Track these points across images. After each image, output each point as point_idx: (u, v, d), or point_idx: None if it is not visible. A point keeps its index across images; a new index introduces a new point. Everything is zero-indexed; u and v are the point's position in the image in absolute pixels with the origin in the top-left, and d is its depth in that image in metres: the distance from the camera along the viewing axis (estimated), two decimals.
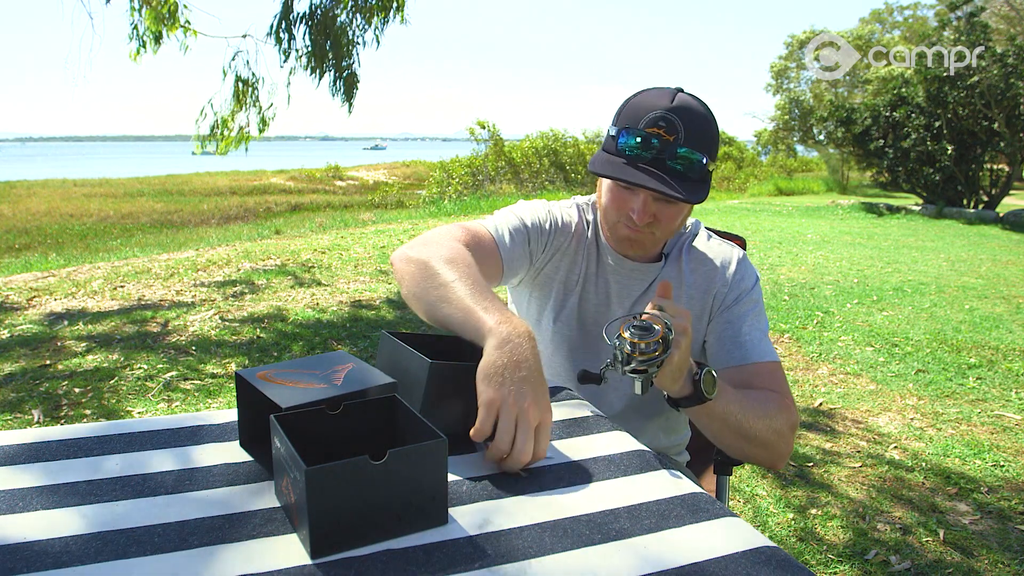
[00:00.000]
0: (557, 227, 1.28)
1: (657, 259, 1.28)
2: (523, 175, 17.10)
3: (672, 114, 1.08)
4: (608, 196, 1.19)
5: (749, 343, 1.19)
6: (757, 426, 1.08)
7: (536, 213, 1.28)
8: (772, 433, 1.09)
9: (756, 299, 1.25)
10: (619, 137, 1.12)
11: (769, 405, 1.11)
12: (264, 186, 21.86)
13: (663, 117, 1.08)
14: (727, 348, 1.20)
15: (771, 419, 1.09)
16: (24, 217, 14.77)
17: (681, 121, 1.08)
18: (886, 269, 6.46)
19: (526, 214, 1.27)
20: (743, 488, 2.45)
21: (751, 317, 1.22)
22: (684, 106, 1.10)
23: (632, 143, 1.10)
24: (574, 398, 1.13)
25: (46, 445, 0.89)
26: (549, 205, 1.32)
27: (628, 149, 1.10)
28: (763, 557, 0.70)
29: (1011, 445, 2.81)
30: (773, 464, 1.16)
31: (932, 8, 23.81)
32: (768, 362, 1.18)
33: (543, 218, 1.28)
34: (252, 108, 6.14)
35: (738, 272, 1.26)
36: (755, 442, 1.09)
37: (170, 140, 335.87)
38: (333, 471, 0.67)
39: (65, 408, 2.94)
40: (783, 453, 1.13)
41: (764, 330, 1.23)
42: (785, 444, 1.12)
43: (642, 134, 1.09)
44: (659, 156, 1.08)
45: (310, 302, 4.75)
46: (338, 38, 5.88)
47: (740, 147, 24.29)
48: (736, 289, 1.24)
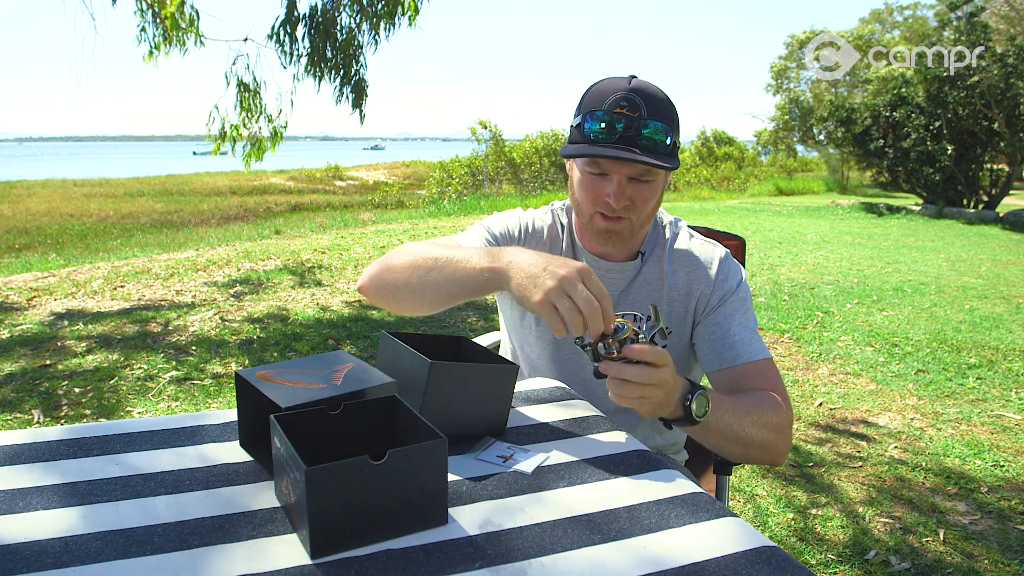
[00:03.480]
0: (528, 232, 1.30)
1: (633, 257, 1.28)
2: (523, 175, 17.10)
3: (632, 93, 1.11)
4: (581, 188, 1.19)
5: (739, 343, 1.18)
6: (754, 431, 1.07)
7: (506, 222, 1.31)
8: (770, 433, 1.09)
9: (743, 297, 1.24)
10: (584, 124, 1.13)
11: (765, 406, 1.10)
12: (264, 186, 21.86)
13: (624, 97, 1.11)
14: (717, 350, 1.20)
15: (768, 420, 1.09)
16: (24, 217, 14.78)
17: (641, 99, 1.11)
18: (886, 269, 6.46)
19: (495, 224, 1.31)
20: (743, 488, 2.45)
21: (739, 316, 1.21)
22: (642, 87, 1.13)
23: (597, 128, 1.12)
24: (574, 398, 1.13)
25: (46, 445, 0.89)
26: (521, 213, 1.34)
27: (594, 134, 1.12)
28: (763, 557, 0.70)
29: (1011, 445, 2.81)
30: (773, 461, 1.16)
31: (932, 8, 23.84)
32: (760, 360, 1.17)
33: (512, 225, 1.31)
34: (263, 116, 6.12)
35: (720, 272, 1.25)
36: (753, 446, 1.09)
37: (170, 140, 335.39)
38: (333, 471, 0.67)
39: (65, 408, 2.94)
40: (782, 450, 1.13)
41: (753, 328, 1.22)
42: (784, 441, 1.12)
43: (606, 117, 1.11)
44: (626, 134, 1.10)
45: (310, 302, 4.75)
46: (344, 44, 5.84)
47: (740, 147, 24.28)
48: (720, 289, 1.23)
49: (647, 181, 1.15)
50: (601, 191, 1.15)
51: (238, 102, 5.99)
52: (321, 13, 5.77)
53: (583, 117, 1.14)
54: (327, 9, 5.78)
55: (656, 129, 1.11)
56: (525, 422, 1.02)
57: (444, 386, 0.91)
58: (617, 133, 1.10)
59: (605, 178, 1.15)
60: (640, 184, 1.15)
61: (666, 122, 1.12)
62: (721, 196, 16.23)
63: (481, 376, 0.96)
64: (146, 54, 5.58)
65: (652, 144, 1.11)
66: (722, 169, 21.64)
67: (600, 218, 1.18)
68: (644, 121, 1.10)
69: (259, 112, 6.08)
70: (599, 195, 1.16)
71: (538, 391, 1.15)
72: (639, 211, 1.17)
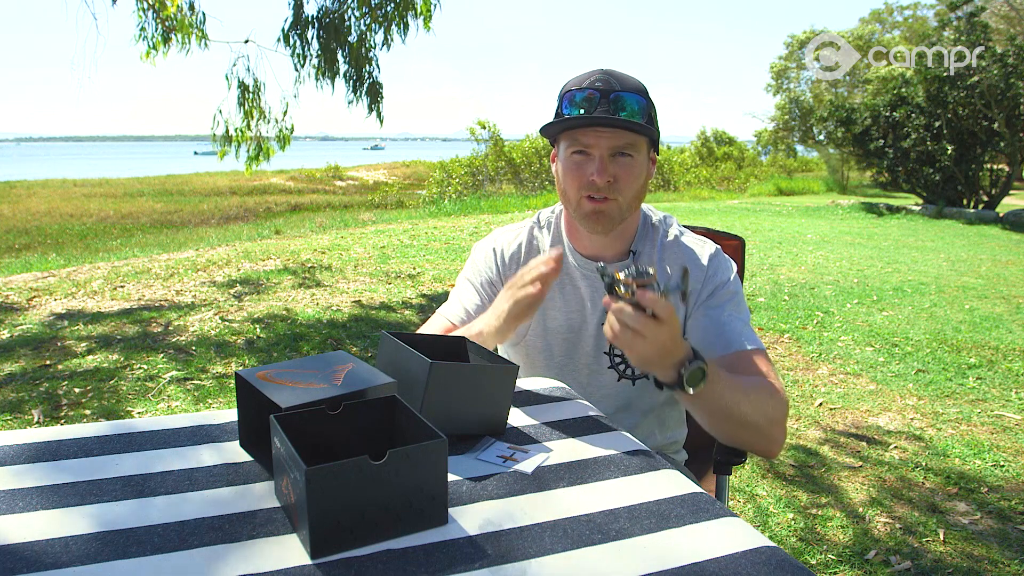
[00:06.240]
0: (504, 263, 1.35)
1: (625, 255, 1.29)
2: (523, 175, 17.10)
3: (605, 74, 1.18)
4: (566, 173, 1.22)
5: (730, 332, 1.18)
6: (748, 410, 1.06)
7: (479, 265, 1.37)
8: (763, 418, 1.08)
9: (734, 291, 1.24)
10: (563, 108, 1.19)
11: (761, 390, 1.10)
12: (264, 186, 21.86)
13: (598, 79, 1.17)
14: (709, 339, 1.19)
15: (763, 404, 1.08)
16: (24, 217, 14.78)
17: (613, 77, 1.18)
18: (886, 269, 6.46)
19: (472, 274, 1.37)
20: (743, 488, 2.45)
21: (730, 307, 1.22)
22: (614, 71, 1.20)
23: (576, 110, 1.17)
24: (574, 398, 1.13)
25: (46, 445, 0.89)
26: (493, 243, 1.38)
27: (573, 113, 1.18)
28: (763, 557, 0.70)
29: (1011, 445, 2.81)
30: (767, 451, 1.15)
31: (932, 8, 23.82)
32: (752, 349, 1.17)
33: (487, 266, 1.36)
34: (265, 119, 6.12)
35: (711, 266, 1.26)
36: (747, 427, 1.07)
37: (170, 140, 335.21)
38: (333, 471, 0.67)
39: (65, 408, 2.94)
40: (777, 439, 1.12)
41: (745, 320, 1.22)
42: (779, 430, 1.11)
43: (582, 95, 1.17)
44: (602, 108, 1.15)
45: (310, 302, 4.75)
46: (356, 47, 5.83)
47: (740, 147, 24.27)
48: (711, 283, 1.24)
49: (629, 155, 1.18)
50: (585, 172, 1.18)
51: (238, 105, 5.99)
52: (328, 15, 5.76)
53: (561, 103, 1.20)
54: (333, 11, 5.77)
55: (632, 101, 1.16)
56: (525, 422, 1.02)
57: (444, 386, 0.91)
58: (595, 107, 1.15)
59: (588, 158, 1.18)
60: (622, 159, 1.18)
61: (641, 97, 1.17)
62: (721, 196, 16.22)
63: (481, 376, 0.96)
64: (143, 53, 5.58)
65: (631, 111, 1.16)
66: (722, 169, 21.63)
67: (587, 201, 1.20)
68: (619, 95, 1.15)
69: (261, 115, 6.08)
70: (583, 176, 1.19)
71: (538, 391, 1.15)
72: (624, 190, 1.19)
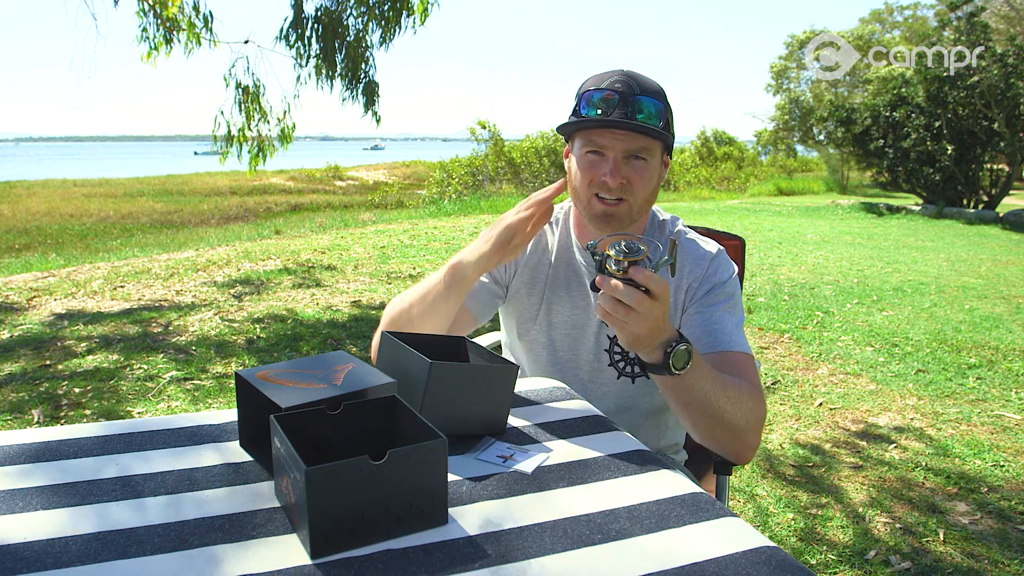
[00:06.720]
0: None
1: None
2: (523, 175, 17.10)
3: (626, 76, 1.17)
4: (579, 171, 1.21)
5: (720, 331, 1.18)
6: (728, 407, 1.05)
7: None
8: (740, 419, 1.06)
9: (731, 292, 1.24)
10: (581, 108, 1.18)
11: (743, 390, 1.08)
12: (264, 186, 21.84)
13: (617, 80, 1.16)
14: (697, 336, 1.18)
15: (743, 405, 1.06)
16: (24, 217, 14.78)
17: (633, 79, 1.17)
18: (886, 269, 6.45)
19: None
20: (743, 488, 2.45)
21: (724, 307, 1.21)
22: (635, 73, 1.19)
23: (593, 110, 1.16)
24: (574, 398, 1.13)
25: (46, 445, 0.89)
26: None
27: (590, 114, 1.17)
28: (763, 557, 0.70)
29: (1011, 445, 2.81)
30: (739, 455, 1.12)
31: (932, 8, 23.83)
32: (740, 352, 1.16)
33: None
34: (265, 119, 6.11)
35: (712, 265, 1.25)
36: (723, 424, 1.05)
37: (170, 140, 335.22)
38: (333, 471, 0.67)
39: (65, 408, 2.94)
40: (750, 444, 1.10)
41: (739, 323, 1.21)
42: (753, 435, 1.09)
43: (601, 96, 1.16)
44: (620, 111, 1.14)
45: (310, 302, 4.75)
46: (353, 46, 5.82)
47: (740, 147, 24.26)
48: (708, 282, 1.24)
49: (643, 159, 1.17)
50: (598, 171, 1.17)
51: (237, 105, 5.98)
52: (327, 14, 5.75)
53: (579, 102, 1.19)
54: (332, 10, 5.77)
55: (650, 105, 1.15)
56: (525, 422, 1.02)
57: (444, 386, 0.91)
58: (613, 109, 1.14)
59: (602, 157, 1.17)
60: (636, 162, 1.17)
61: (659, 101, 1.16)
62: (721, 196, 16.22)
63: (481, 376, 0.96)
64: (144, 54, 5.58)
65: (648, 114, 1.15)
66: (722, 169, 21.63)
67: (597, 201, 1.19)
68: (637, 99, 1.14)
69: (262, 116, 6.07)
70: (596, 175, 1.18)
71: (538, 391, 1.15)
72: (636, 192, 1.18)
